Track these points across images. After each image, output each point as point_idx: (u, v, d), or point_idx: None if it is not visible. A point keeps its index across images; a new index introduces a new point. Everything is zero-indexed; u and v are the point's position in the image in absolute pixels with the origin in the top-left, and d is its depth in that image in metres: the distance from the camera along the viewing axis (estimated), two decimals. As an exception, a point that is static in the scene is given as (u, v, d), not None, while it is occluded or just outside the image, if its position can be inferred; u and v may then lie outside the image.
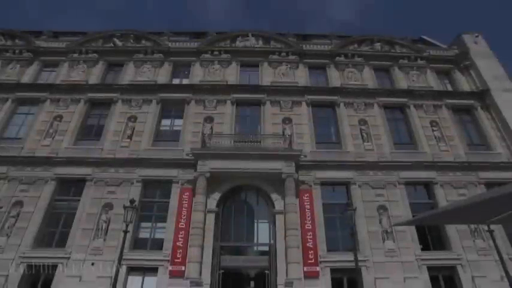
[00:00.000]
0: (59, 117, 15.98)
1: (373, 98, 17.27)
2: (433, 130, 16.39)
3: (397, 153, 15.41)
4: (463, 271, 12.75)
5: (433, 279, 12.63)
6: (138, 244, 13.26)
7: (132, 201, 8.28)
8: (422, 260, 12.87)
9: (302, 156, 14.05)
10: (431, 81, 18.48)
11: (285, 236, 12.38)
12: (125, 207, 8.09)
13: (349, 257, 12.71)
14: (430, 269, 12.79)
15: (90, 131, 16.17)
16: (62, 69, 18.09)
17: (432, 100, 17.39)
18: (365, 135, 15.96)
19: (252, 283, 17.25)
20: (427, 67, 19.01)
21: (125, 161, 14.55)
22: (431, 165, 15.00)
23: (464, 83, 18.53)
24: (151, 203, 14.17)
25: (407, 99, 17.33)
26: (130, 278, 12.49)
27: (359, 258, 12.61)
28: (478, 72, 18.20)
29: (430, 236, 14.04)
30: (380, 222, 13.55)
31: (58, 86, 16.93)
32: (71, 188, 14.40)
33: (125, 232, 8.25)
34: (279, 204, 13.32)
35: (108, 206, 13.48)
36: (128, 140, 15.38)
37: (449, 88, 18.78)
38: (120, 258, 8.10)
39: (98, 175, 14.30)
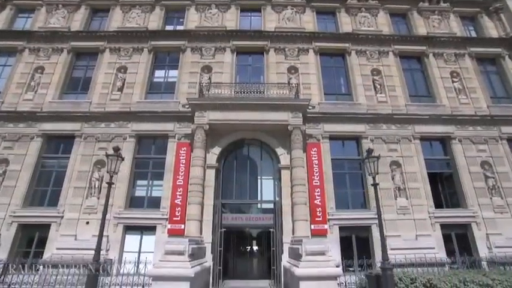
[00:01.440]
0: (40, 69, 14.45)
1: (388, 46, 15.52)
2: (453, 81, 14.90)
3: (413, 106, 14.08)
4: (477, 229, 12.20)
5: (445, 237, 12.05)
6: (134, 203, 12.55)
7: (115, 149, 7.19)
8: (436, 217, 12.25)
9: (310, 107, 12.73)
10: (455, 27, 16.52)
11: (292, 193, 11.50)
12: (107, 156, 7.01)
13: (359, 214, 12.19)
14: (443, 226, 12.19)
15: (76, 84, 14.73)
16: (39, 15, 16.11)
17: (454, 48, 15.62)
18: (378, 86, 14.52)
19: (255, 242, 16.96)
20: (450, 11, 16.92)
21: (116, 115, 13.35)
22: (449, 119, 13.78)
23: (492, 29, 16.57)
24: (147, 159, 13.18)
25: (427, 47, 15.56)
26: (127, 237, 11.97)
27: (369, 216, 12.07)
28: (510, 15, 16.17)
29: (445, 194, 13.33)
30: (392, 178, 12.70)
31: (36, 33, 15.09)
32: (60, 144, 13.40)
33: (109, 184, 7.26)
34: (284, 159, 12.28)
35: (100, 163, 12.49)
36: (119, 93, 14.03)
37: (474, 35, 16.87)
38: (105, 212, 7.21)
39: (87, 130, 13.20)
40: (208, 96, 12.57)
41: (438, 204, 12.71)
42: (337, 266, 8.56)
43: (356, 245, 11.80)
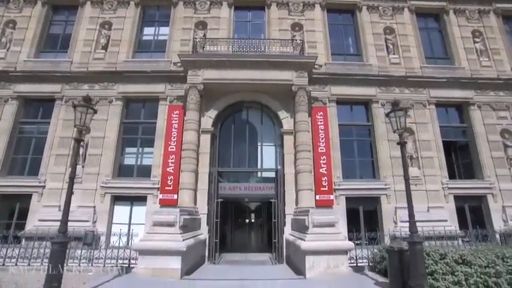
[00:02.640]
0: (12, 23, 12.88)
1: (404, 1, 13.92)
2: (474, 42, 13.51)
3: (429, 68, 12.79)
4: (493, 201, 11.41)
5: (458, 209, 11.23)
6: (123, 171, 11.55)
7: (86, 99, 5.98)
8: (450, 188, 11.38)
9: (316, 66, 11.38)
10: (479, -21, 14.78)
11: (295, 160, 10.43)
12: (74, 107, 5.80)
13: (368, 184, 11.25)
14: (456, 198, 11.35)
15: (54, 41, 13.20)
16: (7, -39, 14.19)
17: (478, 4, 14.05)
18: (391, 46, 13.15)
19: (255, 213, 16.23)
20: (474, -39, 15.08)
21: (100, 75, 12.04)
22: (469, 83, 12.57)
23: (520, -19, 14.86)
24: (136, 124, 12.00)
25: (447, 2, 13.96)
26: (116, 208, 11.06)
27: (378, 186, 11.17)
28: (542, -36, 14.41)
29: (459, 164, 12.43)
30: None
31: (5, -19, 13.32)
32: (38, 108, 12.19)
33: (78, 140, 6.10)
34: (287, 123, 11.09)
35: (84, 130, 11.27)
36: (103, 51, 12.58)
37: (500, -11, 15.16)
38: (73, 176, 6.15)
39: (68, 93, 11.91)
40: (203, 53, 11.14)
41: (452, 175, 11.87)
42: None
43: (364, 217, 11.00)
